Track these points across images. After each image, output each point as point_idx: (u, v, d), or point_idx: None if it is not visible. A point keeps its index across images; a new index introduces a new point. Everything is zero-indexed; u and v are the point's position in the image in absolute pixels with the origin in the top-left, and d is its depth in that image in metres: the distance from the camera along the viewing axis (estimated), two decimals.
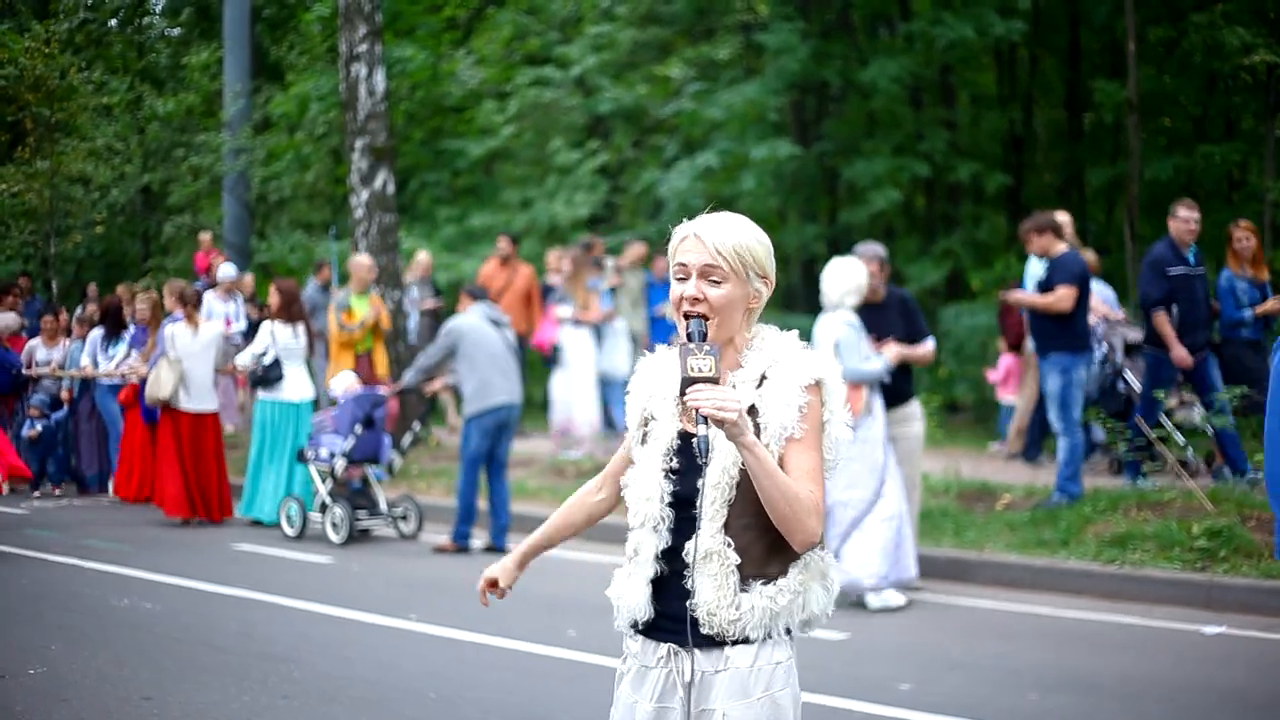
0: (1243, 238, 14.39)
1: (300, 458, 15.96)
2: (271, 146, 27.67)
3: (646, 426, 4.32)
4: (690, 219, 4.27)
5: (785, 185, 23.86)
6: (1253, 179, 22.17)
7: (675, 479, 4.16)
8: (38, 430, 18.77)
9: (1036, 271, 14.42)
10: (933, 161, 23.25)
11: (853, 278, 11.56)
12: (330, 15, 26.02)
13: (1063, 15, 24.86)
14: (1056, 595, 12.16)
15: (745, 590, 4.06)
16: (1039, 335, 13.84)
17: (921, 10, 24.20)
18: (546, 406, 19.90)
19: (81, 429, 19.13)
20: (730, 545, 4.05)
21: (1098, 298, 14.82)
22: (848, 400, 4.26)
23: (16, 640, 10.45)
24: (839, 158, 24.34)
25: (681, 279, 4.18)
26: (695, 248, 4.16)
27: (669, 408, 4.21)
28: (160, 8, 33.60)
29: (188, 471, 16.55)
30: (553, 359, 18.97)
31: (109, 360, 18.13)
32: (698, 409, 3.83)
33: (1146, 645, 10.43)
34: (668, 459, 4.19)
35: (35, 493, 18.79)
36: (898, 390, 11.89)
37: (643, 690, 4.26)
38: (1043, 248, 13.64)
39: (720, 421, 3.81)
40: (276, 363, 16.40)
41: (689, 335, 3.99)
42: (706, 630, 4.07)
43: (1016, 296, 14.43)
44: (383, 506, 15.85)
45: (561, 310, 18.79)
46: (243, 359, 16.67)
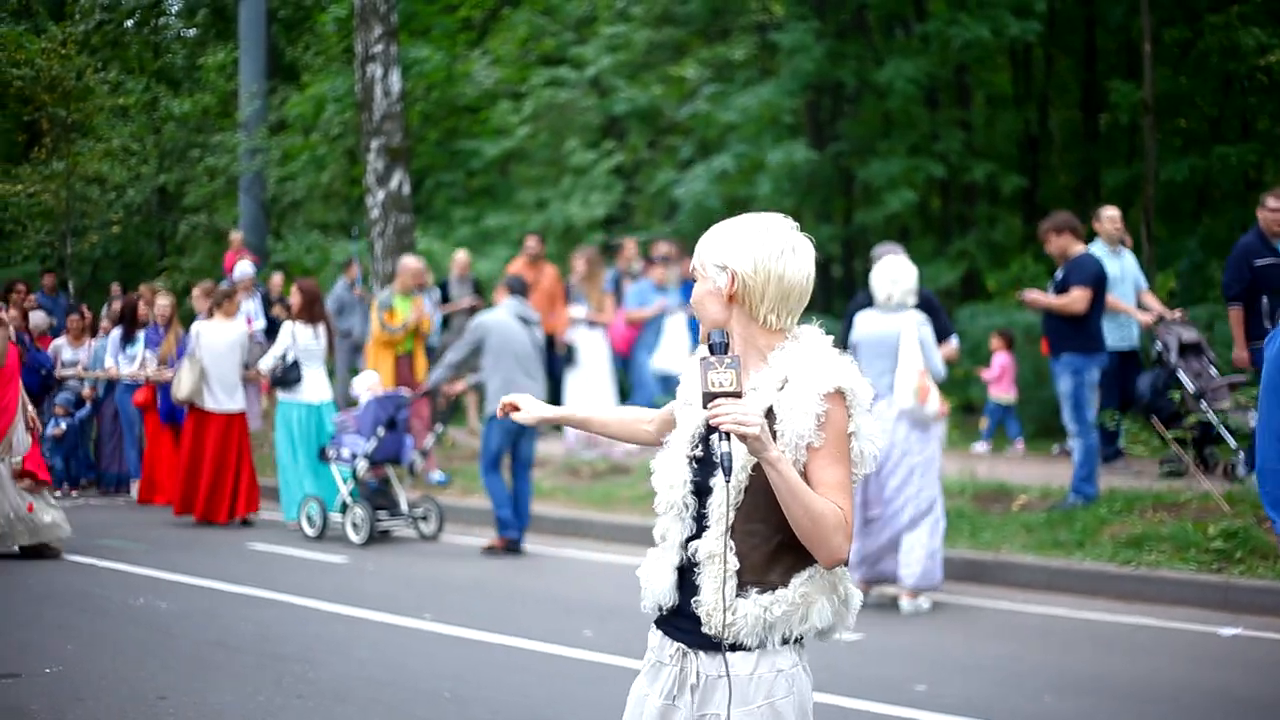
0: None
1: (322, 457, 15.93)
2: (287, 147, 27.72)
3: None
4: (705, 220, 4.29)
5: (801, 186, 23.85)
6: (1269, 180, 22.11)
7: (698, 468, 4.16)
8: (62, 429, 18.82)
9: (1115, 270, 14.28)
10: (948, 162, 23.23)
11: (912, 277, 11.57)
12: (346, 16, 26.06)
13: (1078, 16, 24.84)
14: (1072, 596, 12.14)
15: (742, 596, 4.05)
16: (1052, 336, 13.81)
17: (937, 10, 24.18)
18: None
19: (104, 428, 19.14)
20: (732, 549, 4.04)
21: (1112, 294, 14.68)
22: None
23: (32, 639, 10.47)
24: (854, 158, 24.33)
25: None
26: None
27: (695, 397, 4.16)
28: (176, 9, 33.69)
29: (204, 472, 16.47)
30: (567, 359, 18.95)
31: (128, 360, 18.15)
32: (720, 425, 3.82)
33: (1162, 647, 10.41)
34: (692, 446, 4.19)
35: (56, 492, 18.80)
36: None
37: (655, 685, 4.28)
38: (1060, 248, 13.61)
39: (742, 436, 3.80)
40: (295, 364, 16.33)
41: (710, 346, 3.95)
42: (705, 629, 4.08)
43: (1032, 297, 14.41)
44: (403, 507, 15.80)
45: (575, 310, 18.76)
46: (265, 363, 16.58)
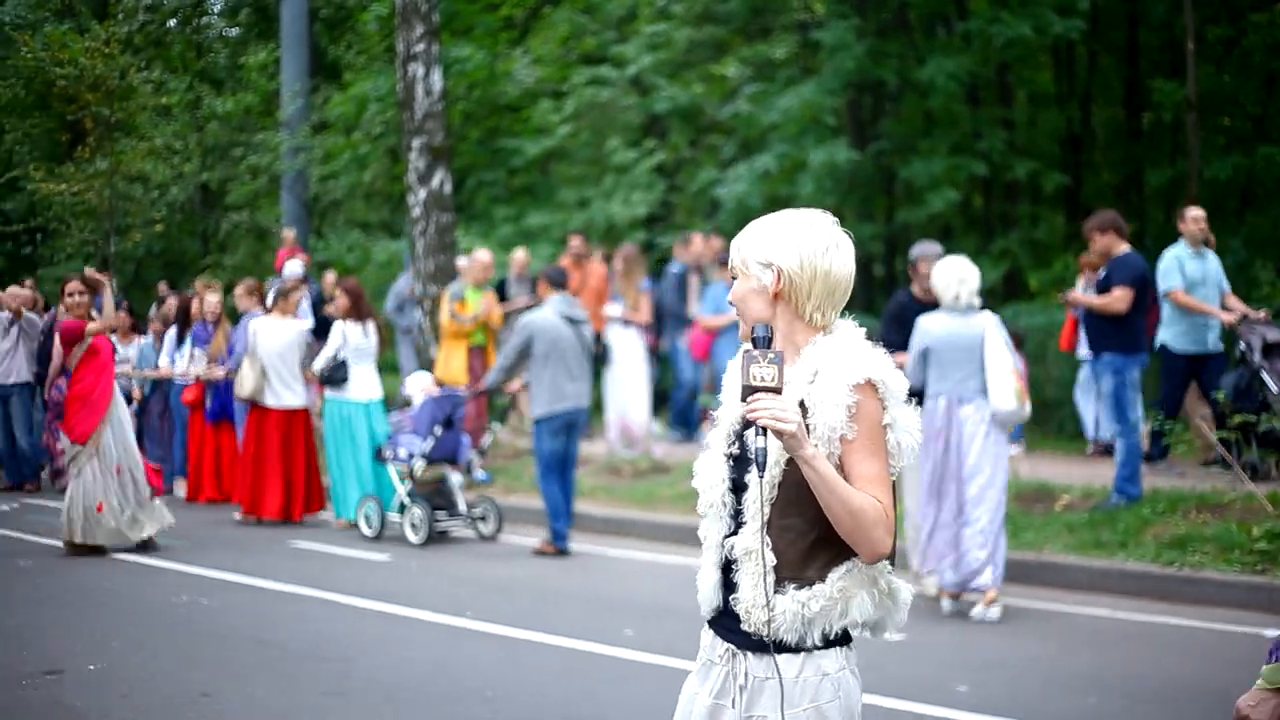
0: None
1: (378, 458, 15.87)
2: (329, 146, 27.79)
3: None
4: (746, 219, 4.28)
5: (842, 186, 23.81)
6: None
7: (734, 465, 4.16)
8: None
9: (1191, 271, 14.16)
10: (990, 160, 23.16)
11: (977, 276, 11.50)
12: (387, 15, 26.11)
13: (1121, 13, 24.73)
14: (1114, 597, 12.09)
15: (780, 592, 4.04)
16: (1094, 335, 13.76)
17: (979, 9, 24.10)
18: (600, 407, 19.87)
19: (150, 427, 19.10)
20: (768, 545, 4.03)
21: (1193, 296, 14.50)
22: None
23: (77, 636, 10.53)
24: (896, 157, 24.27)
25: None
26: None
27: (735, 394, 4.17)
28: (219, 8, 33.80)
29: (270, 471, 16.45)
30: (602, 357, 18.94)
31: (183, 359, 18.16)
32: (756, 419, 3.83)
33: (1205, 649, 10.36)
34: (729, 443, 4.20)
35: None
36: None
37: (705, 685, 4.26)
38: (1105, 247, 13.54)
39: (779, 433, 3.82)
40: (343, 363, 16.22)
41: (754, 340, 3.97)
42: (745, 627, 4.08)
43: (1074, 297, 14.35)
44: (462, 508, 15.65)
45: (611, 309, 18.72)
46: (317, 363, 16.44)
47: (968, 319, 11.35)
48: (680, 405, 19.52)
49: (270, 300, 17.04)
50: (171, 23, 30.51)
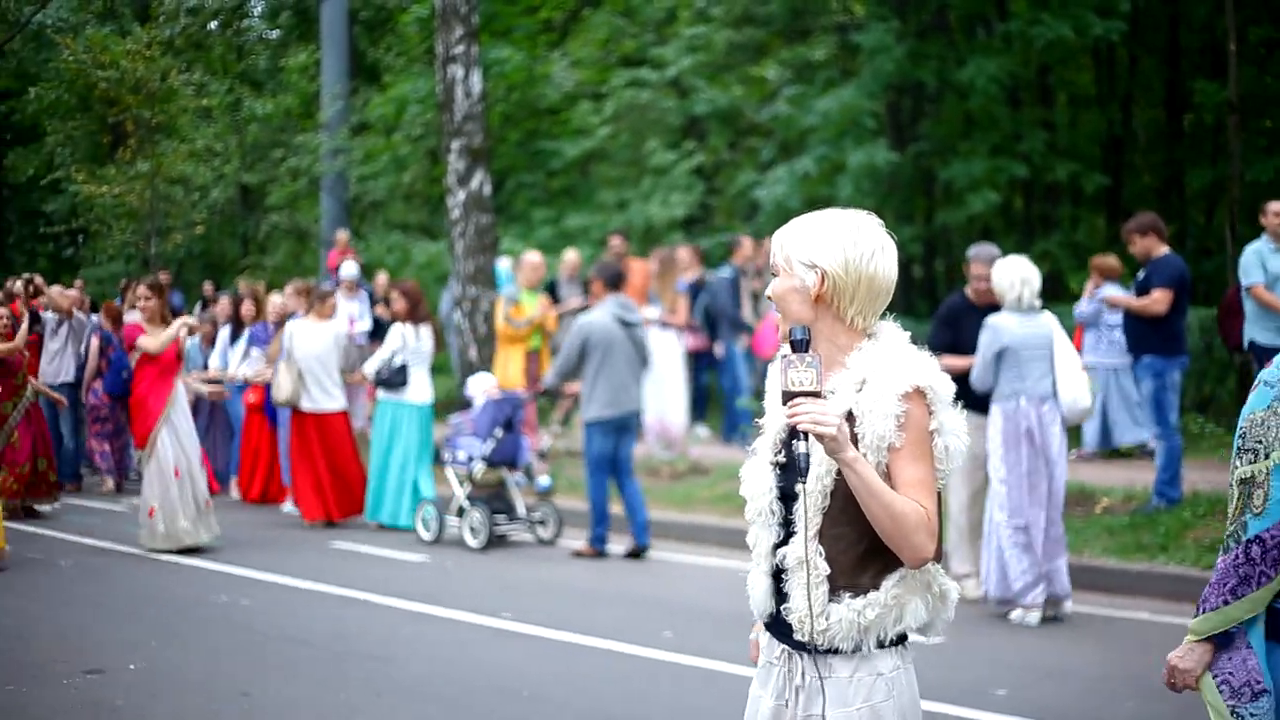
0: None
1: (437, 460, 15.70)
2: (369, 148, 27.86)
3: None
4: (786, 221, 4.28)
5: (882, 187, 23.76)
6: None
7: (782, 473, 4.16)
8: None
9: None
10: (1030, 162, 23.08)
11: (1039, 276, 11.43)
12: (427, 17, 26.15)
13: (1162, 15, 24.63)
14: (1155, 600, 12.02)
15: (835, 601, 4.05)
16: (1133, 338, 13.69)
17: (1019, 10, 24.03)
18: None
19: (200, 428, 18.95)
20: (821, 554, 4.05)
21: (1273, 292, 14.33)
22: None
23: (117, 636, 10.58)
24: (935, 158, 24.21)
25: None
26: None
27: (778, 401, 4.15)
28: (259, 11, 33.91)
29: (321, 474, 16.38)
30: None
31: (235, 359, 18.16)
32: (797, 424, 3.84)
33: None
34: (775, 451, 4.21)
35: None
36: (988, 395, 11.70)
37: (766, 687, 4.30)
38: (1145, 249, 13.47)
39: (820, 436, 3.83)
40: (403, 366, 16.05)
41: (792, 344, 3.95)
42: (798, 637, 4.09)
43: (1114, 299, 14.29)
44: (521, 511, 15.49)
45: (649, 311, 18.66)
46: (370, 366, 16.30)
47: (1035, 318, 11.29)
48: (733, 413, 19.33)
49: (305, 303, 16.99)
50: (212, 25, 30.63)
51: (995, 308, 11.57)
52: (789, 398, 3.87)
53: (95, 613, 11.47)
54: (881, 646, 4.09)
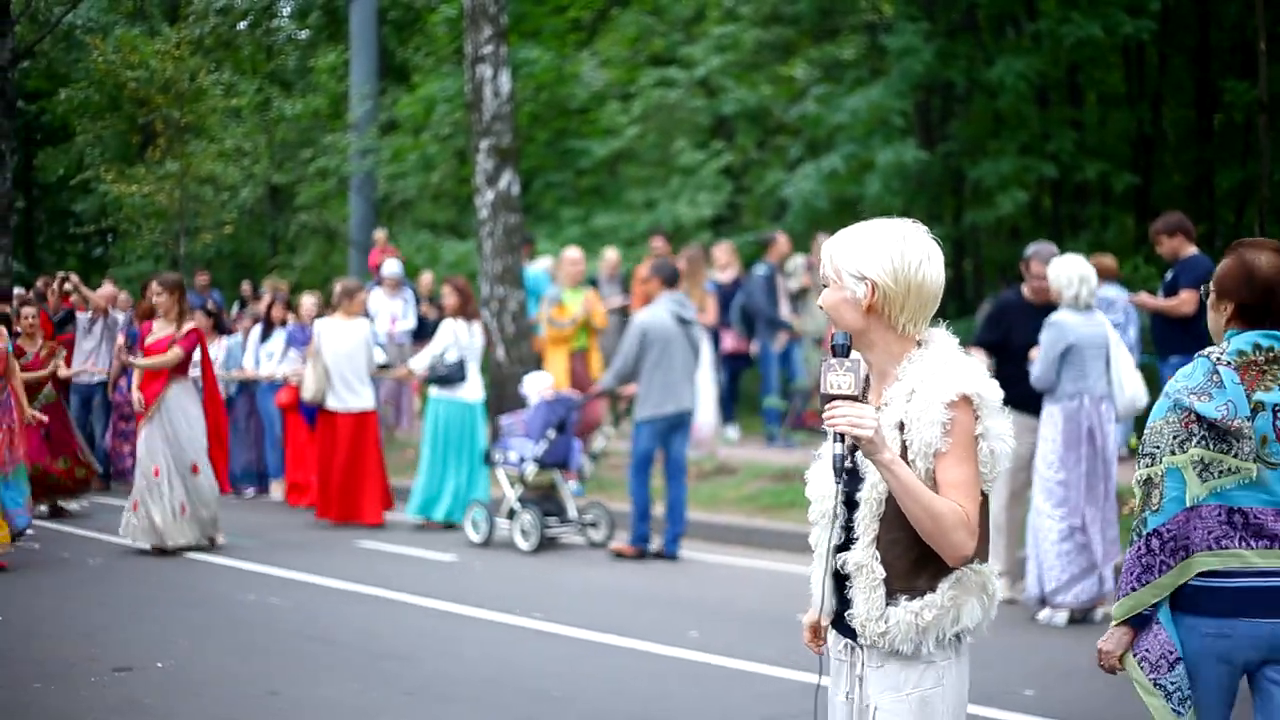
0: None
1: (487, 461, 15.57)
2: (397, 147, 27.91)
3: None
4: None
5: (910, 186, 23.73)
6: None
7: (847, 479, 4.26)
8: None
9: None
10: (1059, 161, 23.01)
11: (1095, 275, 11.41)
12: (456, 17, 26.19)
13: (1192, 14, 24.54)
14: None
15: (893, 604, 4.18)
16: (1160, 338, 13.65)
17: (1048, 9, 23.96)
18: None
19: (236, 428, 18.83)
20: (878, 559, 4.19)
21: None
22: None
23: (146, 634, 10.61)
24: (964, 158, 24.16)
25: None
26: None
27: None
28: (288, 11, 34.02)
29: (334, 473, 16.15)
30: None
31: (269, 359, 18.14)
32: (835, 426, 4.01)
33: None
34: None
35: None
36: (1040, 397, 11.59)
37: (837, 683, 4.47)
38: (1172, 249, 13.43)
39: (856, 438, 4.00)
40: (461, 362, 15.92)
41: (833, 349, 4.10)
42: (862, 640, 4.26)
43: (1141, 300, 14.26)
44: (572, 513, 15.19)
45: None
46: (419, 362, 16.23)
47: (1093, 317, 11.26)
48: (770, 413, 19.22)
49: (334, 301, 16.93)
50: (242, 25, 30.76)
51: (1051, 307, 11.51)
52: (828, 400, 4.03)
53: (124, 611, 11.51)
54: (941, 648, 4.23)
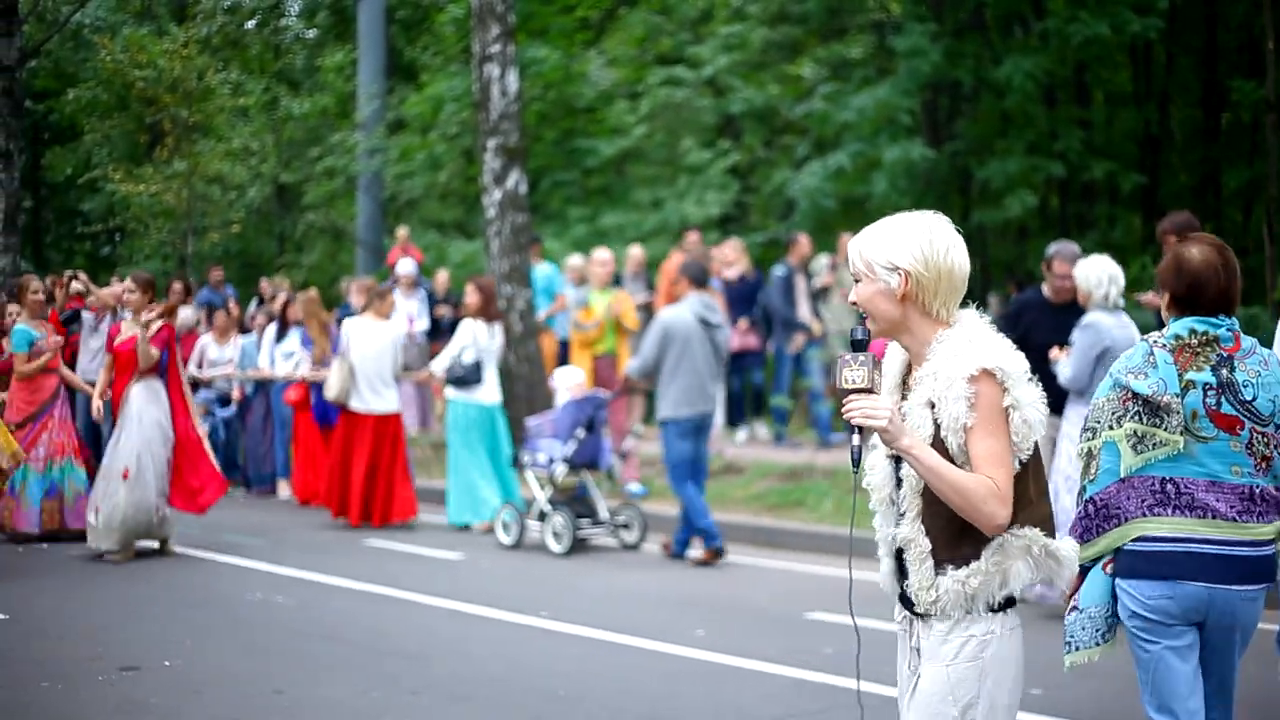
0: None
1: (515, 463, 15.35)
2: (404, 146, 27.92)
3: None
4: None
5: (917, 185, 23.72)
6: None
7: (896, 465, 4.54)
8: (205, 429, 18.63)
9: None
10: (1067, 161, 23.00)
11: (1123, 275, 11.38)
12: (463, 16, 26.21)
13: (1199, 13, 24.52)
14: None
15: (941, 573, 4.46)
16: None
17: (1056, 8, 23.94)
18: None
19: (253, 427, 18.96)
20: (923, 532, 4.47)
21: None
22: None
23: (151, 633, 10.61)
24: (971, 157, 24.15)
25: None
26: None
27: (888, 392, 4.60)
28: (296, 10, 34.06)
29: (355, 475, 15.90)
30: None
31: (285, 358, 18.02)
32: (850, 419, 4.25)
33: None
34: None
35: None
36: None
37: (901, 652, 4.74)
38: None
39: (872, 429, 4.26)
40: (478, 364, 15.68)
41: (852, 344, 4.36)
42: (918, 609, 4.55)
43: (1149, 299, 14.24)
44: (603, 515, 14.87)
45: None
46: (439, 363, 16.01)
47: (1121, 318, 11.20)
48: (778, 412, 19.16)
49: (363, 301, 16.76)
50: (249, 24, 30.80)
51: (1072, 306, 11.47)
52: (844, 394, 4.28)
53: (130, 610, 11.51)
54: (992, 611, 4.47)
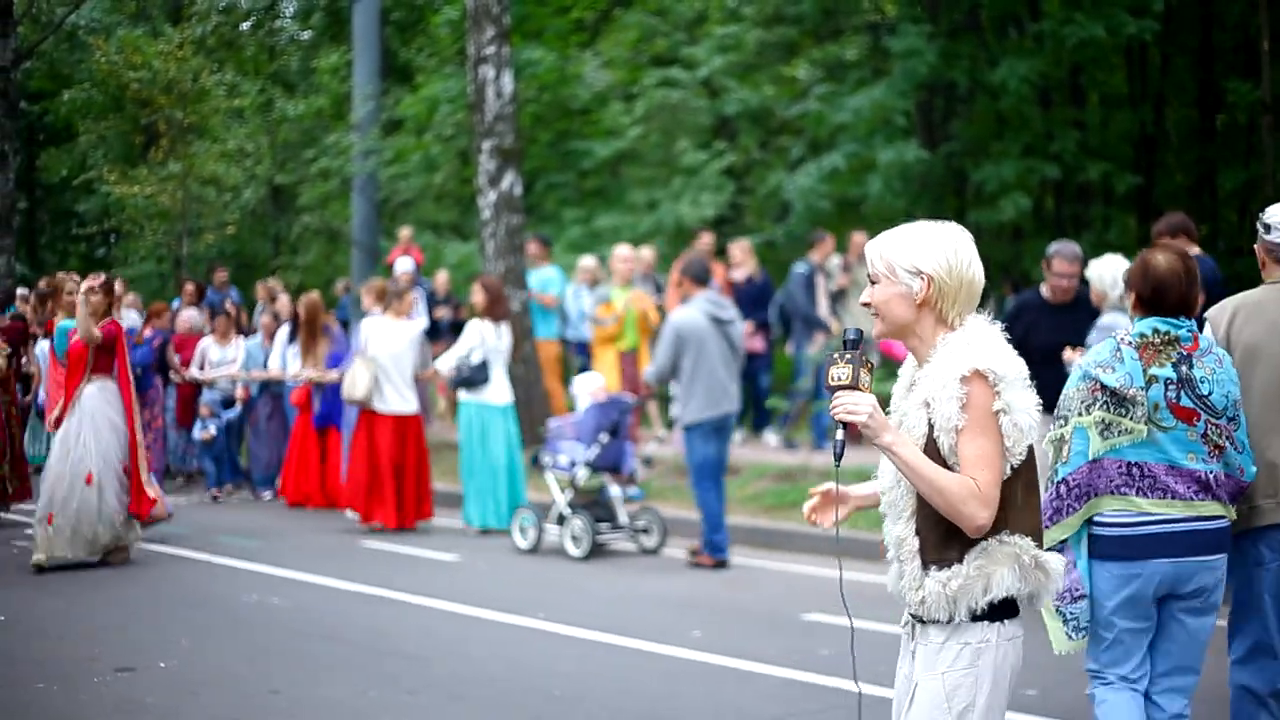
0: None
1: (536, 464, 15.21)
2: (400, 148, 27.90)
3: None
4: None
5: (912, 187, 23.72)
6: None
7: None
8: (210, 432, 18.58)
9: None
10: (1062, 162, 23.01)
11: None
12: (459, 18, 26.18)
13: (1195, 14, 24.54)
14: None
15: (926, 574, 4.50)
16: None
17: (1051, 9, 23.97)
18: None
19: (258, 429, 18.91)
20: (914, 532, 4.53)
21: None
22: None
23: (148, 634, 10.62)
24: (967, 158, 24.15)
25: None
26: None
27: (902, 395, 4.68)
28: (291, 12, 34.03)
29: (383, 479, 15.73)
30: None
31: (297, 359, 17.90)
32: (834, 415, 4.33)
33: None
34: None
35: (214, 490, 18.67)
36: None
37: (902, 656, 4.78)
38: None
39: (854, 425, 4.32)
40: (484, 364, 15.55)
41: (845, 343, 4.45)
42: (909, 609, 4.62)
43: None
44: (623, 519, 14.67)
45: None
46: (445, 363, 15.91)
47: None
48: (785, 414, 19.06)
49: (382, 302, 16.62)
50: (244, 26, 30.79)
51: (1071, 306, 11.44)
52: (831, 392, 4.37)
53: (127, 611, 11.51)
54: (976, 618, 4.48)
